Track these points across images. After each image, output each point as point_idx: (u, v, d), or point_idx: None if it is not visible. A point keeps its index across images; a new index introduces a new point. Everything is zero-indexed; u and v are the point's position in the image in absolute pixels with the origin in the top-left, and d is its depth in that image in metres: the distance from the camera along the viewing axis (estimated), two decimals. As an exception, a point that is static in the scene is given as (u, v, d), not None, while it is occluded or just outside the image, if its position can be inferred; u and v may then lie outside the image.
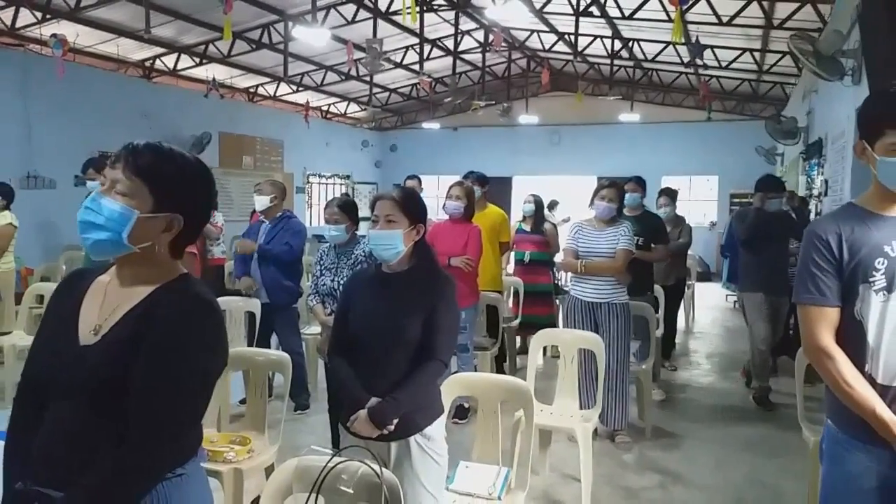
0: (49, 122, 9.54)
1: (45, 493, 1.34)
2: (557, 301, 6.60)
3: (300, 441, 4.26)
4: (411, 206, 2.43)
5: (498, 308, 5.27)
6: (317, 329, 5.28)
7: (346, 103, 15.93)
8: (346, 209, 3.82)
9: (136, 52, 10.88)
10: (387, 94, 15.64)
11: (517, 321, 5.99)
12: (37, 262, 8.38)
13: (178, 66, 11.62)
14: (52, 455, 1.37)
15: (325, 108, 15.96)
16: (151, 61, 11.36)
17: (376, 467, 1.81)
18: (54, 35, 8.62)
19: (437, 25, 11.53)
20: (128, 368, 1.34)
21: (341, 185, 17.12)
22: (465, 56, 13.26)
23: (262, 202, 4.88)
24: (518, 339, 6.47)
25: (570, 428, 3.63)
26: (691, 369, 6.66)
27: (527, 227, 6.41)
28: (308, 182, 15.83)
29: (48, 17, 8.76)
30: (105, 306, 1.43)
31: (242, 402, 4.45)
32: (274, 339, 5.03)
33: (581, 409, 3.87)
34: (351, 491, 1.82)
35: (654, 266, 5.56)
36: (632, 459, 4.25)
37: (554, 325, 5.69)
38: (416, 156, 17.28)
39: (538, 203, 6.46)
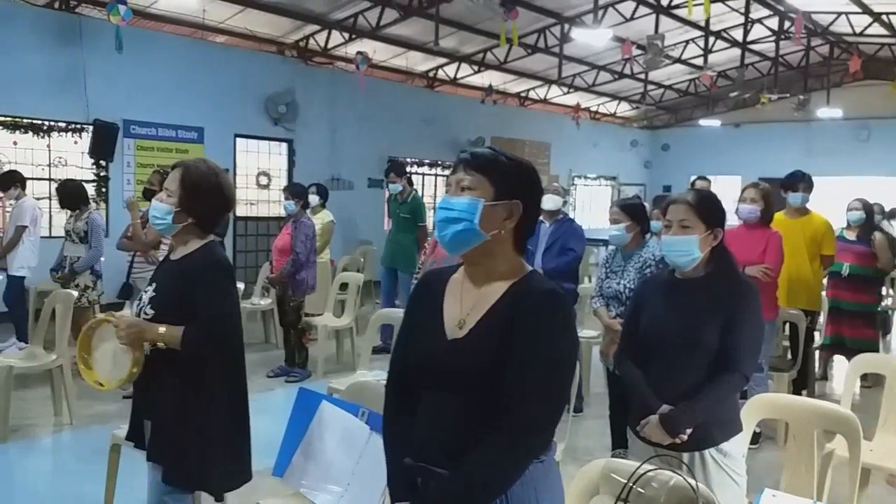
0: (349, 130, 10.81)
1: (431, 469, 1.49)
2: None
3: (576, 443, 4.23)
4: (708, 209, 2.31)
5: (799, 326, 4.68)
6: (590, 333, 5.21)
7: (616, 103, 15.62)
8: (627, 210, 3.68)
9: (422, 63, 11.84)
10: (661, 91, 14.99)
11: (821, 342, 5.27)
12: (339, 256, 9.52)
13: (458, 75, 12.38)
14: (432, 436, 1.52)
15: (594, 108, 15.82)
16: (434, 71, 12.26)
17: (692, 481, 1.69)
18: (360, 53, 9.74)
19: (724, 16, 10.72)
20: (496, 359, 1.44)
21: (607, 186, 16.84)
22: (754, 46, 12.14)
23: (556, 202, 4.91)
24: (819, 362, 5.70)
25: (899, 471, 3.07)
26: None
27: (850, 236, 5.50)
28: (573, 184, 15.83)
29: (353, 36, 9.90)
30: (465, 302, 1.55)
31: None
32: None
33: (914, 450, 3.26)
34: (662, 501, 1.72)
35: None
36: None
37: (876, 350, 4.91)
38: (690, 155, 16.32)
39: (868, 210, 5.55)
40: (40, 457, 4.19)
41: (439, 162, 12.57)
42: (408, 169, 11.68)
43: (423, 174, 12.48)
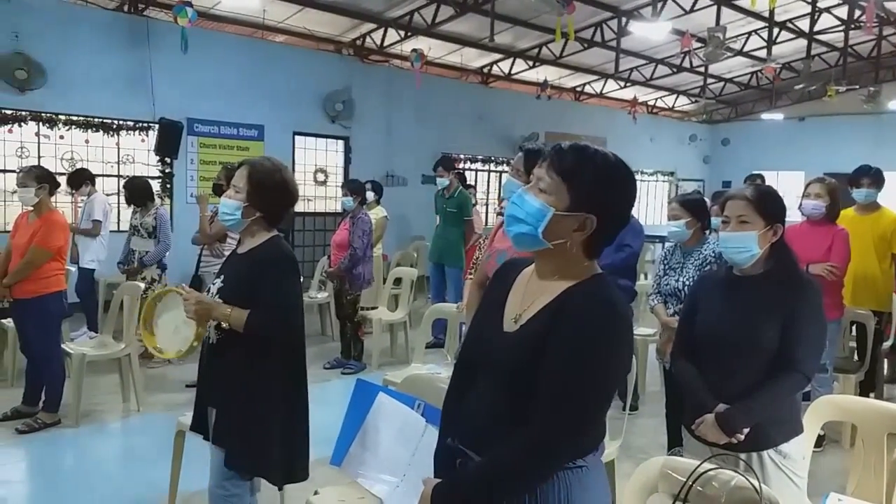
0: (405, 126, 10.89)
1: (467, 453, 1.52)
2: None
3: (631, 442, 4.18)
4: (767, 204, 2.26)
5: (867, 327, 4.51)
6: (647, 330, 5.13)
7: (674, 96, 15.29)
8: (687, 205, 3.62)
9: (476, 59, 11.83)
10: (721, 84, 14.60)
11: (889, 343, 5.06)
12: (392, 251, 9.62)
13: (513, 71, 12.32)
14: (473, 422, 1.54)
15: (651, 102, 15.53)
16: (489, 67, 12.23)
17: (755, 482, 1.66)
18: (415, 50, 9.81)
19: (789, 6, 10.36)
20: (538, 357, 1.41)
21: (664, 181, 16.50)
22: (822, 36, 11.70)
23: None
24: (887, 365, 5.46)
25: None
26: None
27: None
28: (629, 180, 15.58)
29: (409, 34, 9.96)
30: (525, 298, 1.53)
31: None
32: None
33: None
34: (723, 501, 1.69)
35: None
36: None
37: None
38: (751, 150, 15.85)
39: None
40: (110, 441, 4.39)
41: (493, 158, 12.55)
42: (461, 165, 11.79)
43: (477, 170, 12.48)
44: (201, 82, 8.54)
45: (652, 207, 16.22)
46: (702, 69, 12.73)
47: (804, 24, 10.92)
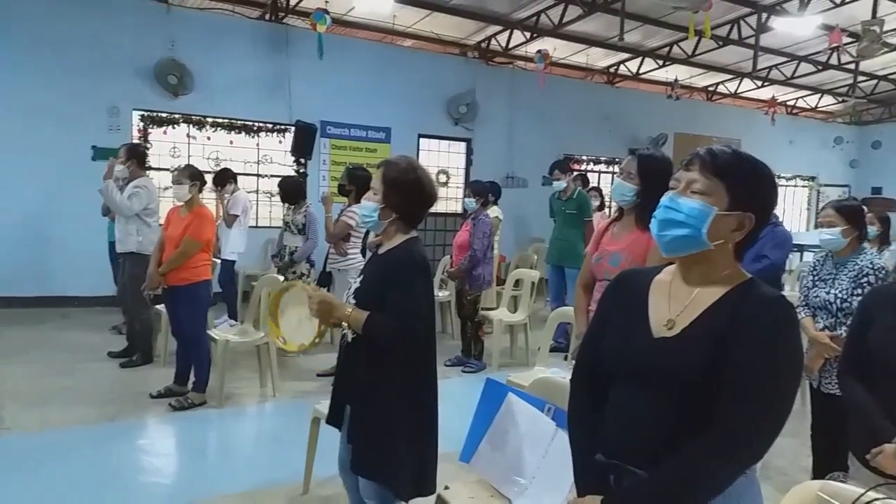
0: (527, 128, 10.84)
1: (627, 468, 1.46)
2: None
3: (770, 462, 3.94)
4: None
5: None
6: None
7: (818, 96, 14.22)
8: (844, 212, 3.34)
9: (602, 59, 11.56)
10: (873, 82, 13.42)
11: None
12: (510, 252, 9.60)
13: (641, 70, 11.95)
14: (627, 434, 1.48)
15: (791, 102, 14.54)
16: (615, 67, 11.92)
17: (932, 518, 1.51)
18: (539, 51, 9.74)
19: (959, -7, 9.37)
20: (710, 363, 1.37)
21: (804, 187, 15.41)
22: None
23: None
24: None
25: None
26: None
27: None
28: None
29: (534, 35, 9.90)
30: (674, 303, 1.49)
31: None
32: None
33: None
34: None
35: None
36: None
37: None
38: (907, 153, 14.48)
39: None
40: (249, 423, 4.66)
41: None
42: (584, 167, 11.58)
43: (600, 172, 12.21)
44: (334, 86, 8.93)
45: (790, 214, 15.20)
46: (851, 66, 11.75)
47: (977, 14, 9.82)
